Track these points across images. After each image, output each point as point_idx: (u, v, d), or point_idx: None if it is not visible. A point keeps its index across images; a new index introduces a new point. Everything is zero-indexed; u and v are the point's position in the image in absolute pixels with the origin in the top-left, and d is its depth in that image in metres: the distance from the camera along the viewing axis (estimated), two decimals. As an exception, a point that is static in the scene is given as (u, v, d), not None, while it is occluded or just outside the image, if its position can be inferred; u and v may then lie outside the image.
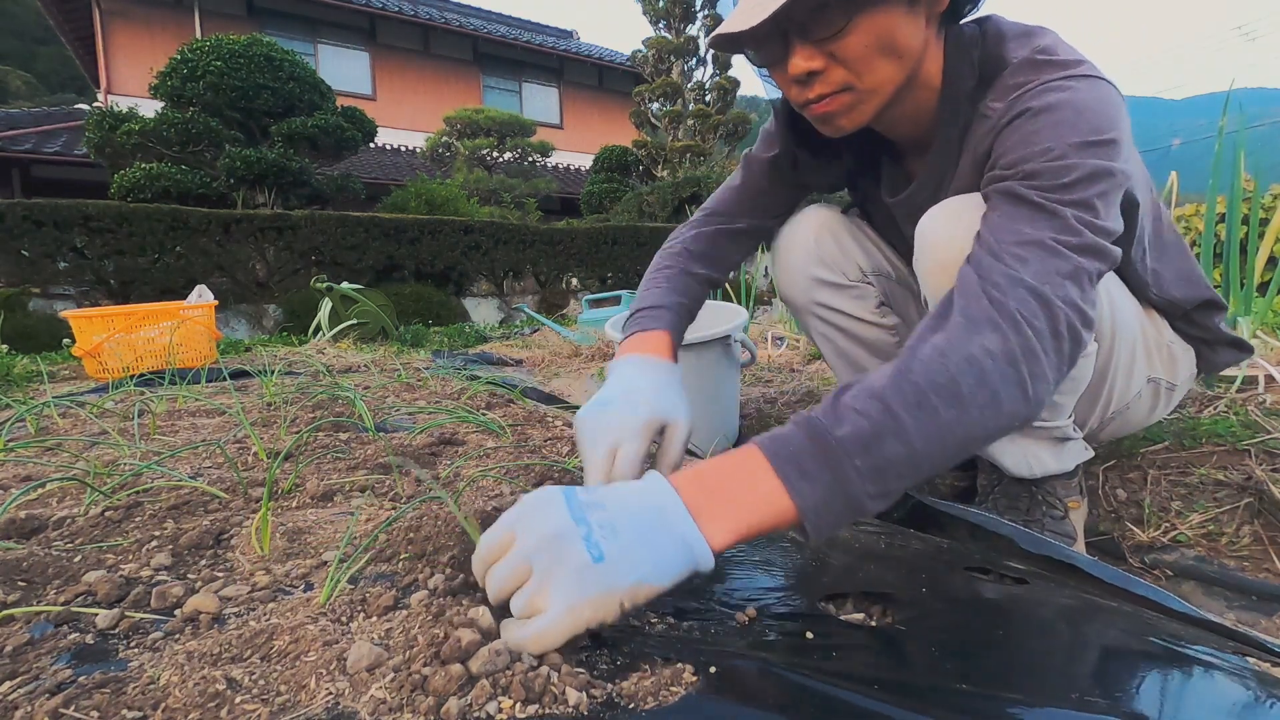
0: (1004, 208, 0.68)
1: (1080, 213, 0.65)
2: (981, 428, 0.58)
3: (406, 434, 1.25)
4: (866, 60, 0.74)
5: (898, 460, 0.54)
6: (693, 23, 12.08)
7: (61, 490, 0.91)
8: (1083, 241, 0.64)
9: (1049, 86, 0.72)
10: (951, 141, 0.85)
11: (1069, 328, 0.62)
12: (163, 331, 2.79)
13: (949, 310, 0.63)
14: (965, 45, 0.79)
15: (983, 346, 0.58)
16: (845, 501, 0.54)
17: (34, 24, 24.11)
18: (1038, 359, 0.60)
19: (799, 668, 0.48)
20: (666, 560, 0.51)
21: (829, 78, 0.75)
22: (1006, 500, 1.01)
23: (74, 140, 10.07)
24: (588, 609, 0.48)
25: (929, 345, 0.59)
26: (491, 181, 10.35)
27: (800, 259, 1.13)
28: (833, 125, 0.80)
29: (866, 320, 1.14)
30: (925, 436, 0.55)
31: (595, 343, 3.47)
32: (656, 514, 0.53)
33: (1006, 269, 0.63)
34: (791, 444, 0.55)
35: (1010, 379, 0.58)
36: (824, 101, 0.77)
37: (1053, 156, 0.67)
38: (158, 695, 0.43)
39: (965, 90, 0.80)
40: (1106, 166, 0.67)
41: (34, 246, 4.99)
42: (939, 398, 0.56)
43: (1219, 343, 1.02)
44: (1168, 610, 0.66)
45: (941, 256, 0.81)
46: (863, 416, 0.55)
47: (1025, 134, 0.71)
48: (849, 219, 1.15)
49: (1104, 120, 0.69)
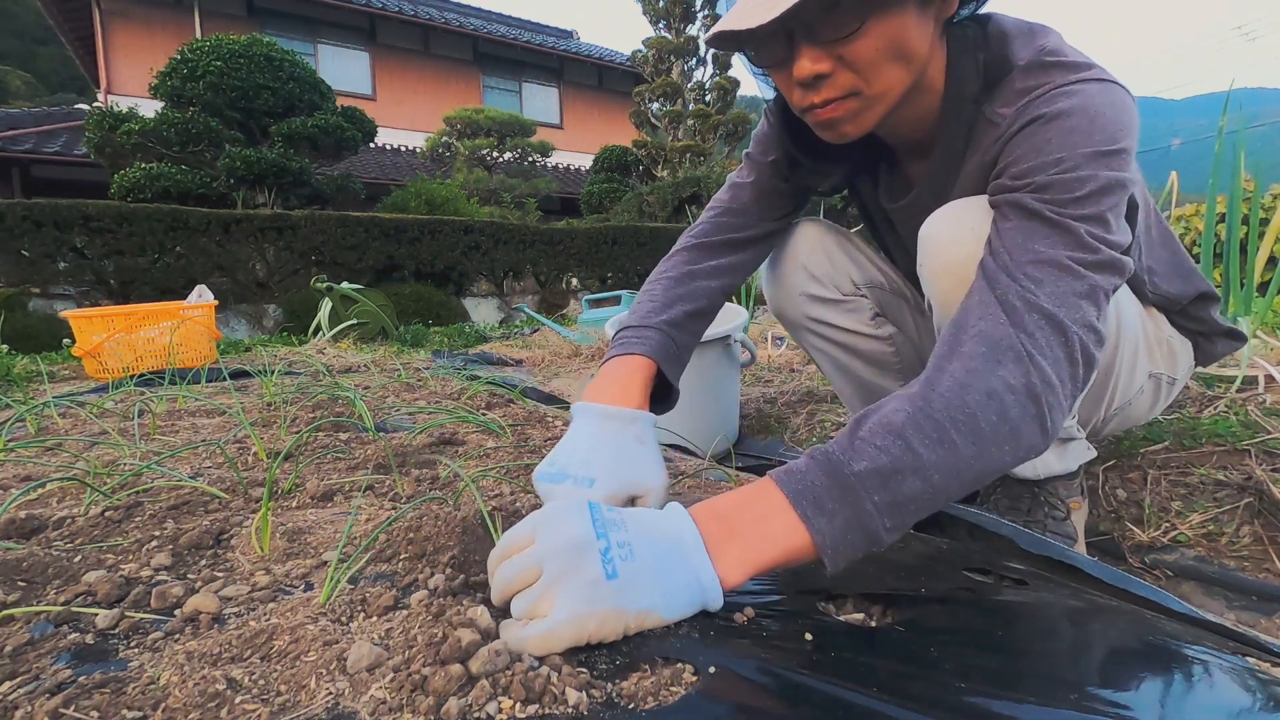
0: (1016, 221, 0.67)
1: (1093, 228, 0.64)
2: (999, 461, 0.58)
3: (406, 434, 1.25)
4: (876, 65, 0.70)
5: (915, 495, 0.55)
6: (693, 23, 12.08)
7: (61, 490, 0.91)
8: (1098, 259, 0.64)
9: (1060, 91, 0.70)
10: (955, 146, 0.83)
11: (1083, 353, 0.62)
12: (163, 331, 2.79)
13: (965, 332, 0.62)
14: (969, 46, 0.77)
15: (1003, 380, 0.58)
16: (863, 535, 0.54)
17: (34, 24, 24.11)
18: (1055, 391, 0.60)
19: (799, 668, 0.48)
20: (678, 594, 0.52)
21: (836, 81, 0.71)
22: (1008, 500, 1.01)
23: (74, 140, 10.07)
24: (593, 622, 0.49)
25: (948, 376, 0.59)
26: (491, 181, 10.35)
27: (791, 276, 1.11)
28: (836, 131, 0.77)
29: (862, 333, 1.13)
30: (944, 472, 0.56)
31: (595, 343, 3.47)
32: (675, 545, 0.54)
33: (1022, 289, 0.62)
34: (808, 479, 0.56)
35: (1030, 414, 0.59)
36: (829, 107, 0.73)
37: (1065, 168, 0.66)
38: (158, 695, 0.43)
39: (969, 93, 0.78)
40: (1119, 178, 0.66)
41: (34, 246, 4.99)
42: (959, 434, 0.56)
43: (1215, 334, 1.02)
44: (1168, 610, 0.66)
45: (946, 260, 0.80)
46: (882, 453, 0.55)
47: (1036, 143, 0.69)
48: (839, 232, 1.14)
49: (1118, 128, 0.67)
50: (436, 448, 1.18)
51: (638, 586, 0.50)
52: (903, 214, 0.97)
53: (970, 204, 0.79)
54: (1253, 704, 0.48)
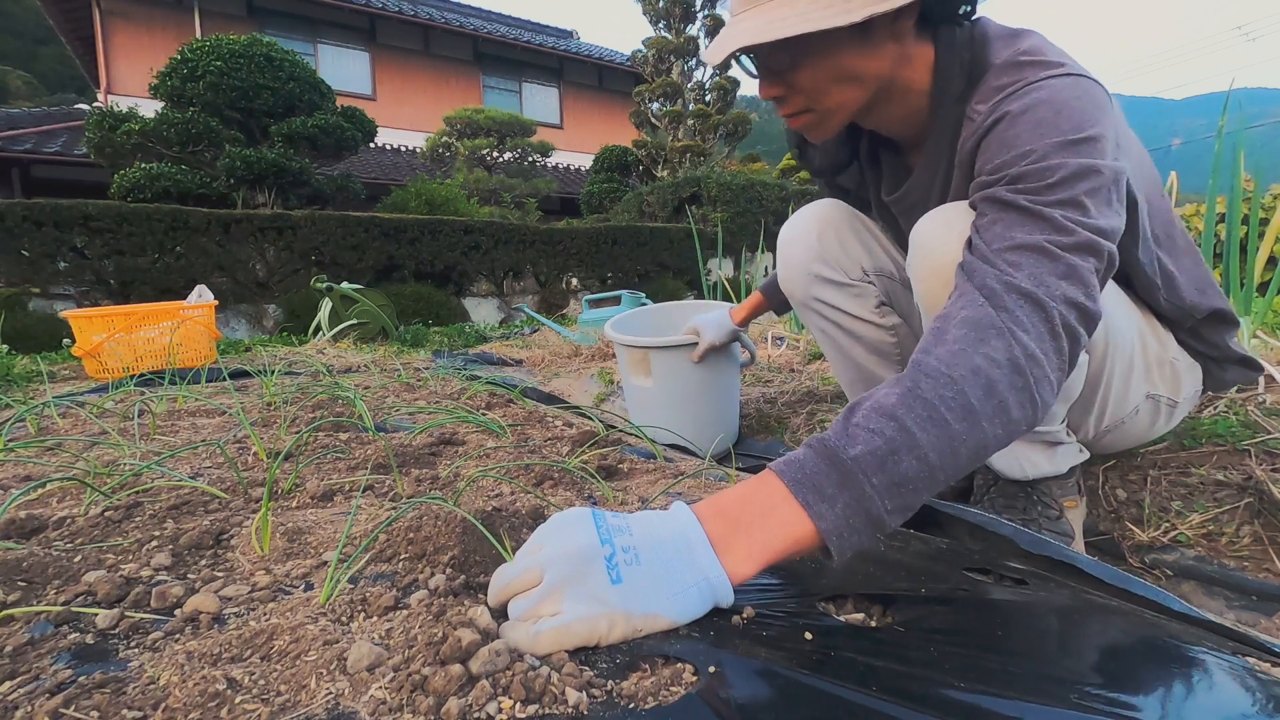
0: (993, 214, 0.69)
1: (1069, 212, 0.65)
2: (993, 435, 0.59)
3: (406, 434, 1.25)
4: (821, 89, 0.79)
5: (913, 475, 0.55)
6: (693, 23, 12.07)
7: (61, 490, 0.91)
8: (1076, 240, 0.65)
9: (1028, 88, 0.72)
10: (942, 142, 0.86)
11: (1065, 326, 0.62)
12: (163, 331, 2.79)
13: (949, 321, 0.63)
14: (956, 47, 0.80)
15: (987, 356, 0.59)
16: (866, 520, 0.54)
17: (34, 24, 24.09)
18: (1039, 363, 0.61)
19: (799, 668, 0.48)
20: (686, 595, 0.52)
21: (790, 101, 0.82)
22: (1003, 500, 1.01)
23: (74, 140, 10.06)
24: (604, 623, 0.49)
25: (934, 358, 0.60)
26: (491, 181, 10.34)
27: (802, 254, 1.13)
28: (808, 134, 0.87)
29: (865, 319, 1.14)
30: (939, 450, 0.56)
31: (595, 343, 3.47)
32: (680, 545, 0.54)
33: (999, 273, 0.64)
34: (807, 467, 0.56)
35: (1016, 386, 0.59)
36: (792, 119, 0.85)
37: (1035, 159, 0.68)
38: (158, 695, 0.43)
39: (955, 92, 0.81)
40: (1091, 164, 0.67)
41: (34, 246, 4.99)
42: (949, 411, 0.57)
43: (1228, 360, 1.00)
44: (1168, 610, 0.66)
45: (935, 263, 0.81)
46: (876, 435, 0.56)
47: (1006, 138, 0.71)
48: (855, 215, 1.15)
49: (1083, 117, 0.69)
50: (436, 448, 1.18)
51: (644, 590, 0.51)
52: (899, 206, 1.00)
53: (960, 209, 0.80)
54: (1253, 704, 0.48)
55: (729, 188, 8.36)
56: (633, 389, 1.66)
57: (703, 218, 8.30)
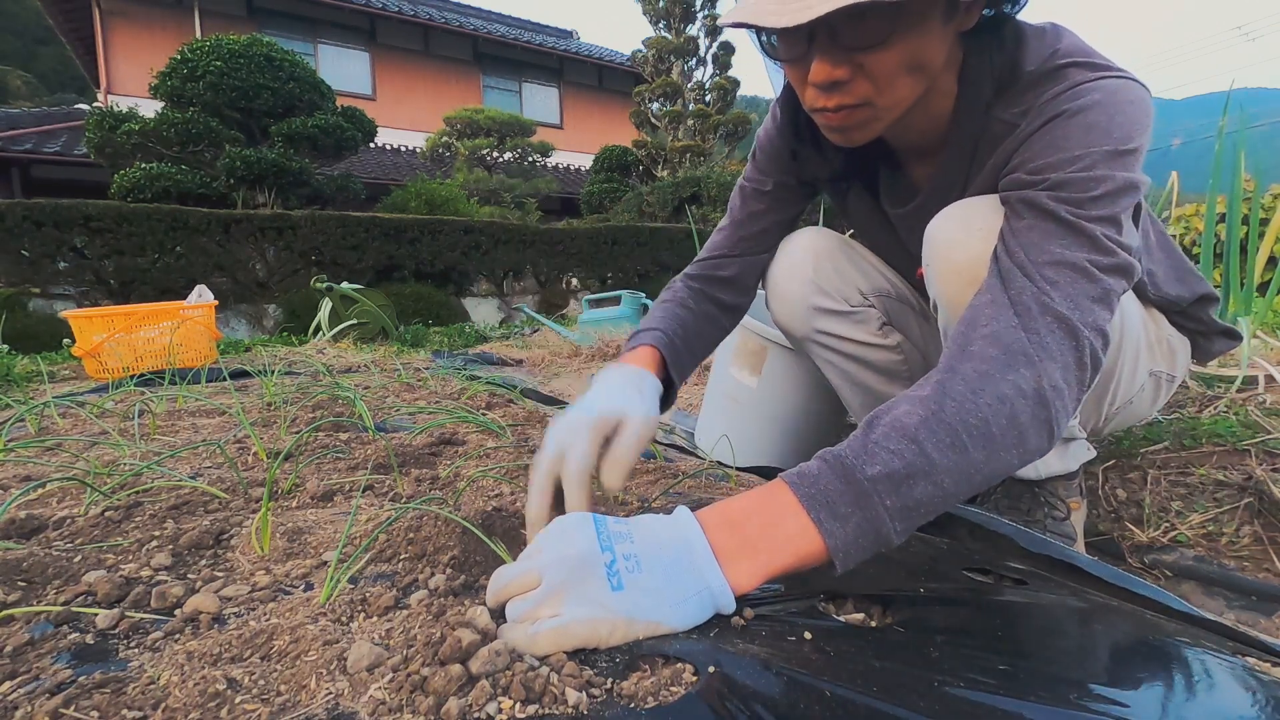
0: (1030, 219, 0.66)
1: (1109, 230, 0.64)
2: (1006, 464, 0.59)
3: (406, 434, 1.25)
4: (893, 76, 0.69)
5: (927, 499, 0.55)
6: (693, 23, 12.07)
7: (61, 490, 0.91)
8: (1114, 262, 0.64)
9: (1083, 88, 0.69)
10: (963, 151, 0.82)
11: (1092, 357, 0.62)
12: (163, 331, 2.79)
13: (976, 331, 0.62)
14: (984, 51, 0.76)
15: (1015, 385, 0.59)
16: (874, 539, 0.55)
17: (34, 24, 24.11)
18: (1063, 395, 0.60)
19: (799, 667, 0.48)
20: (687, 603, 0.52)
21: (852, 89, 0.69)
22: (1008, 500, 1.01)
23: (74, 140, 10.06)
24: (604, 628, 0.49)
25: (959, 379, 0.59)
26: (491, 181, 10.34)
27: (798, 289, 1.08)
28: (844, 136, 0.76)
29: (871, 343, 1.10)
30: (954, 476, 0.56)
31: (595, 343, 3.47)
32: (682, 553, 0.54)
33: (1037, 290, 0.62)
34: (821, 482, 0.55)
35: (1039, 419, 0.59)
36: (841, 113, 0.72)
37: (1082, 166, 0.65)
38: (158, 695, 0.43)
39: (983, 98, 0.77)
40: (1132, 180, 0.66)
41: (34, 246, 4.99)
42: (970, 439, 0.57)
43: (1213, 333, 1.03)
44: (1168, 610, 0.66)
45: (955, 261, 0.79)
46: (895, 456, 0.55)
47: (1055, 138, 0.68)
48: (842, 240, 1.12)
49: (1135, 126, 0.67)
50: (436, 448, 1.18)
51: (646, 598, 0.51)
52: (908, 219, 0.96)
53: (978, 204, 0.78)
54: (1252, 704, 0.48)
55: (729, 188, 8.38)
56: (728, 383, 1.45)
57: (703, 218, 8.31)
